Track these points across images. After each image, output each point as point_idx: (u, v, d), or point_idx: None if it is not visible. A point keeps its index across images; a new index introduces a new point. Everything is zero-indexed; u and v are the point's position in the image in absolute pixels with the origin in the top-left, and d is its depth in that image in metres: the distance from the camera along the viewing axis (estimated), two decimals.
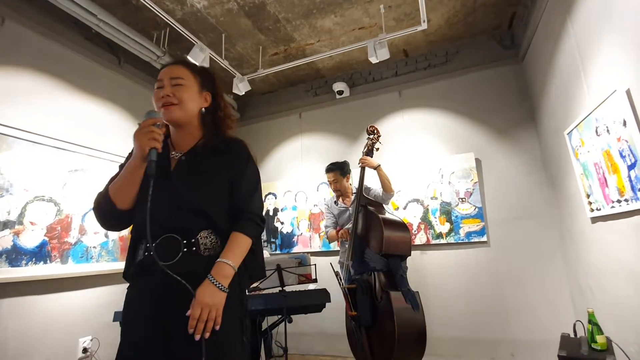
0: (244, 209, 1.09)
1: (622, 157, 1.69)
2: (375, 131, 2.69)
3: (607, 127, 1.80)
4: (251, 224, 1.07)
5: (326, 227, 2.89)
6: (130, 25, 2.71)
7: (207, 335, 0.92)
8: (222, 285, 0.96)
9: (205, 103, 1.18)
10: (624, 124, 1.62)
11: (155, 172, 0.97)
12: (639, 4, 1.46)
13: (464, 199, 3.14)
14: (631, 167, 1.63)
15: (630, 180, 1.65)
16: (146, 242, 1.03)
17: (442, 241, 3.16)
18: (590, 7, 1.86)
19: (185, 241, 1.01)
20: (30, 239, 2.15)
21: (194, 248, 1.02)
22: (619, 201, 1.79)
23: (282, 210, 3.89)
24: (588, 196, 2.13)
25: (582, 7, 1.94)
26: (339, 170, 2.77)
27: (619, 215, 1.82)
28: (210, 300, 0.93)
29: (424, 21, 2.67)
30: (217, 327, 0.94)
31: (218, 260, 0.99)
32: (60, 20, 2.54)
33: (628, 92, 1.59)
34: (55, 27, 2.52)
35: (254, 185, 1.14)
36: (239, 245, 1.03)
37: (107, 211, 1.05)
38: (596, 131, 1.91)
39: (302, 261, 2.07)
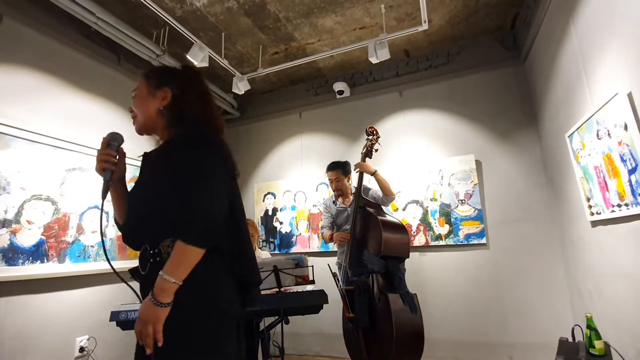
0: (182, 210, 0.95)
1: (623, 161, 1.68)
2: (375, 132, 2.67)
3: (608, 130, 1.78)
4: (187, 228, 0.91)
5: (322, 227, 2.88)
6: (129, 23, 2.70)
7: (148, 351, 0.88)
8: (157, 301, 0.88)
9: (163, 101, 1.09)
10: (625, 127, 1.61)
11: (106, 193, 1.08)
12: None
13: (463, 201, 3.13)
14: (632, 171, 1.62)
15: (631, 185, 1.64)
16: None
17: (441, 243, 3.14)
18: (593, 10, 1.84)
19: (152, 252, 1.01)
20: (27, 238, 2.15)
21: (158, 258, 0.99)
22: (619, 205, 1.77)
23: (281, 210, 3.88)
24: (588, 200, 2.12)
25: (585, 10, 1.92)
26: (341, 169, 2.75)
27: (619, 219, 1.81)
28: (144, 316, 0.89)
29: (425, 21, 2.65)
30: (159, 343, 0.88)
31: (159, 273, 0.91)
32: (59, 18, 2.52)
33: (630, 96, 1.57)
34: (53, 25, 2.51)
35: (190, 180, 0.96)
36: (178, 254, 0.91)
37: (118, 226, 1.18)
38: (597, 134, 1.90)
39: (299, 262, 2.05)
